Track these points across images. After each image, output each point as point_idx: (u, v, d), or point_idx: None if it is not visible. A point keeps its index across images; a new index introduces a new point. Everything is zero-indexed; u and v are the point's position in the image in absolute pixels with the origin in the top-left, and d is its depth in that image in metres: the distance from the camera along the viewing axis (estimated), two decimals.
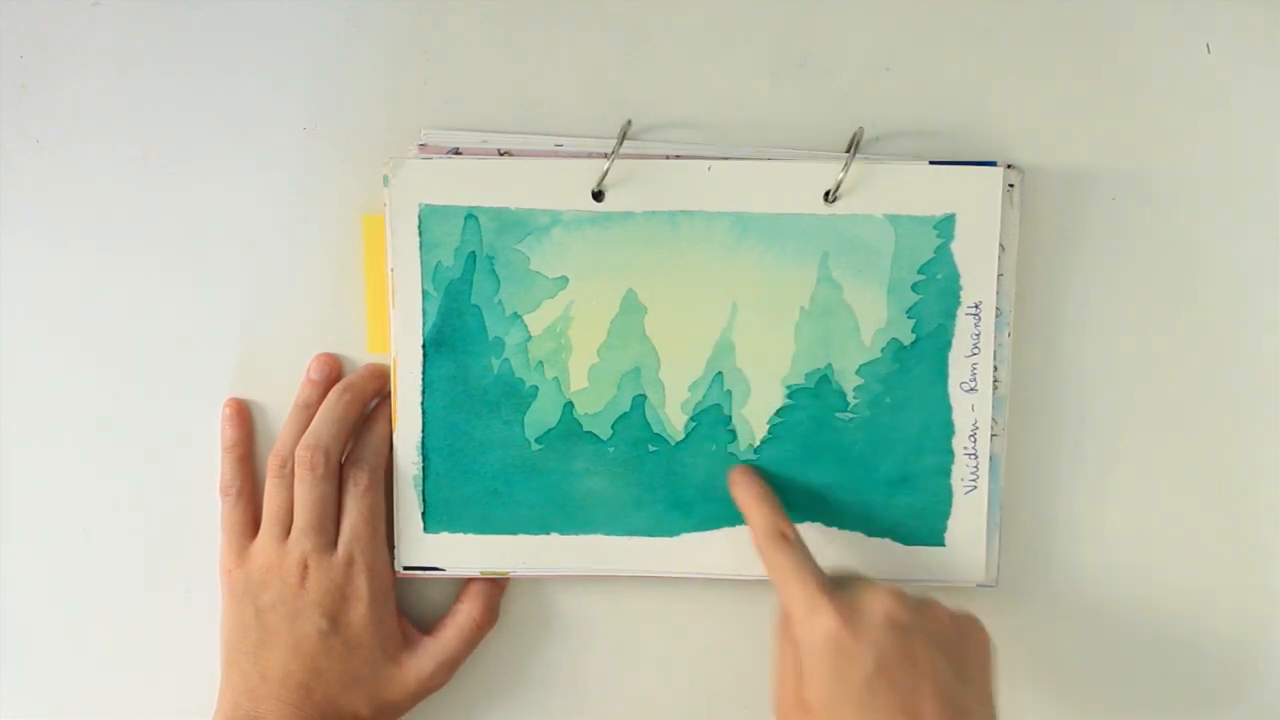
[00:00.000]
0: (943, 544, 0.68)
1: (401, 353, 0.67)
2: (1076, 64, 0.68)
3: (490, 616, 0.70)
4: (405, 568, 0.69)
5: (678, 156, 0.67)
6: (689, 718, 0.71)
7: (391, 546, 0.69)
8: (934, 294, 0.67)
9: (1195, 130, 0.68)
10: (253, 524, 0.68)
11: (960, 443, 0.68)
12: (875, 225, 0.66)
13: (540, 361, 0.67)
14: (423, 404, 0.67)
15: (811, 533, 0.68)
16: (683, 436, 0.68)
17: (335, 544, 0.67)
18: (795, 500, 0.68)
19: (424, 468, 0.68)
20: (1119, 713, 0.72)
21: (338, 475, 0.68)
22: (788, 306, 0.67)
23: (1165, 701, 0.72)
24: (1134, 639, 0.71)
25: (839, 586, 0.61)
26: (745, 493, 0.66)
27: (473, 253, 0.66)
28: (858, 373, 0.67)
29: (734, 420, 0.68)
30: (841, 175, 0.65)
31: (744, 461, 0.68)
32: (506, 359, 0.67)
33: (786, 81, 0.68)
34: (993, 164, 0.66)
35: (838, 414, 0.68)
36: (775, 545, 0.63)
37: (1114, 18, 0.68)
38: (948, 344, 0.67)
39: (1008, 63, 0.68)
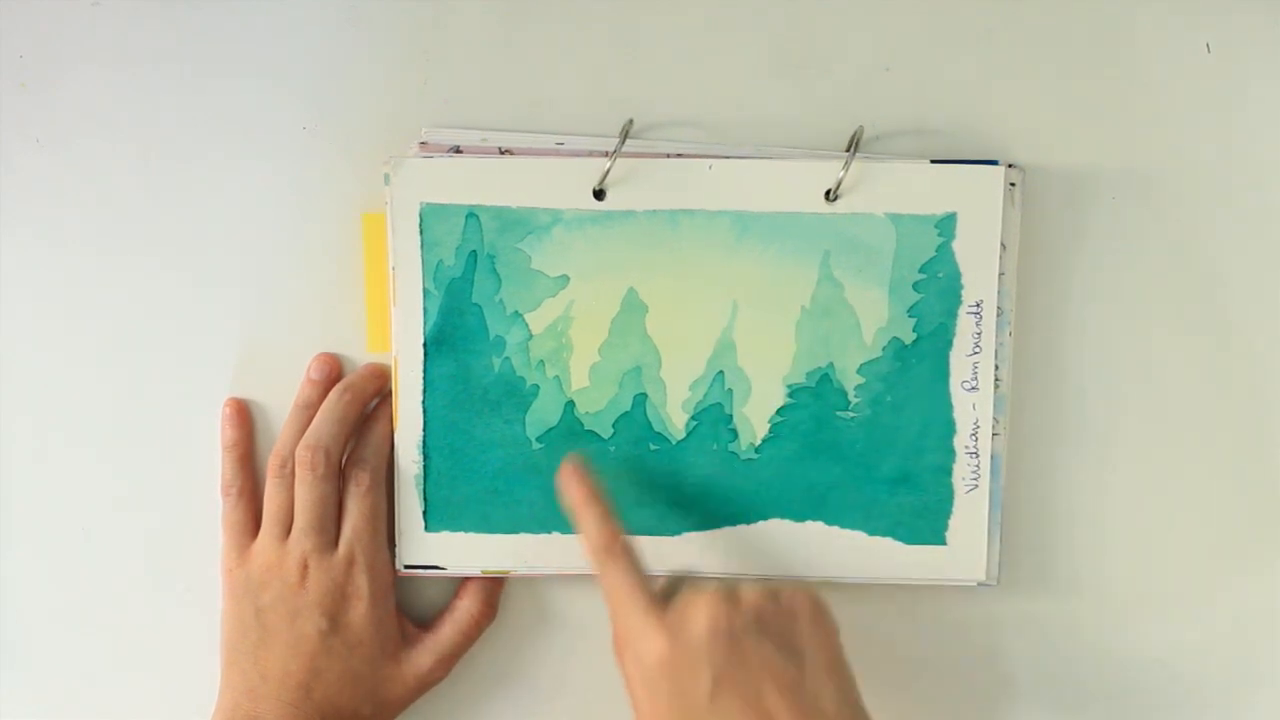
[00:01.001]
0: (944, 543, 0.68)
1: (402, 351, 0.67)
2: (1076, 64, 0.68)
3: (489, 612, 0.70)
4: (406, 566, 0.69)
5: (679, 155, 0.67)
6: None
7: (392, 545, 0.69)
8: (935, 293, 0.67)
9: (1195, 130, 0.68)
10: (253, 523, 0.68)
11: (961, 442, 0.68)
12: (876, 224, 0.66)
13: (541, 360, 0.67)
14: (424, 403, 0.67)
15: (812, 532, 0.68)
16: (684, 436, 0.68)
17: (336, 544, 0.67)
18: (796, 500, 0.68)
19: (425, 467, 0.68)
20: (1119, 711, 0.72)
21: (338, 475, 0.68)
22: (789, 305, 0.67)
23: (1166, 700, 0.72)
24: (1134, 637, 0.71)
25: (665, 600, 0.61)
26: (575, 497, 0.65)
27: (474, 251, 0.66)
28: (859, 372, 0.67)
29: (735, 419, 0.68)
30: (842, 174, 0.65)
31: (745, 461, 0.68)
32: (507, 358, 0.67)
33: (786, 81, 0.68)
34: (994, 163, 0.66)
35: (839, 413, 0.68)
36: (604, 559, 0.62)
37: (1114, 18, 0.68)
38: (949, 343, 0.67)
39: (1008, 63, 0.68)
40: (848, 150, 0.66)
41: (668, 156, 0.67)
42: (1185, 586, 0.71)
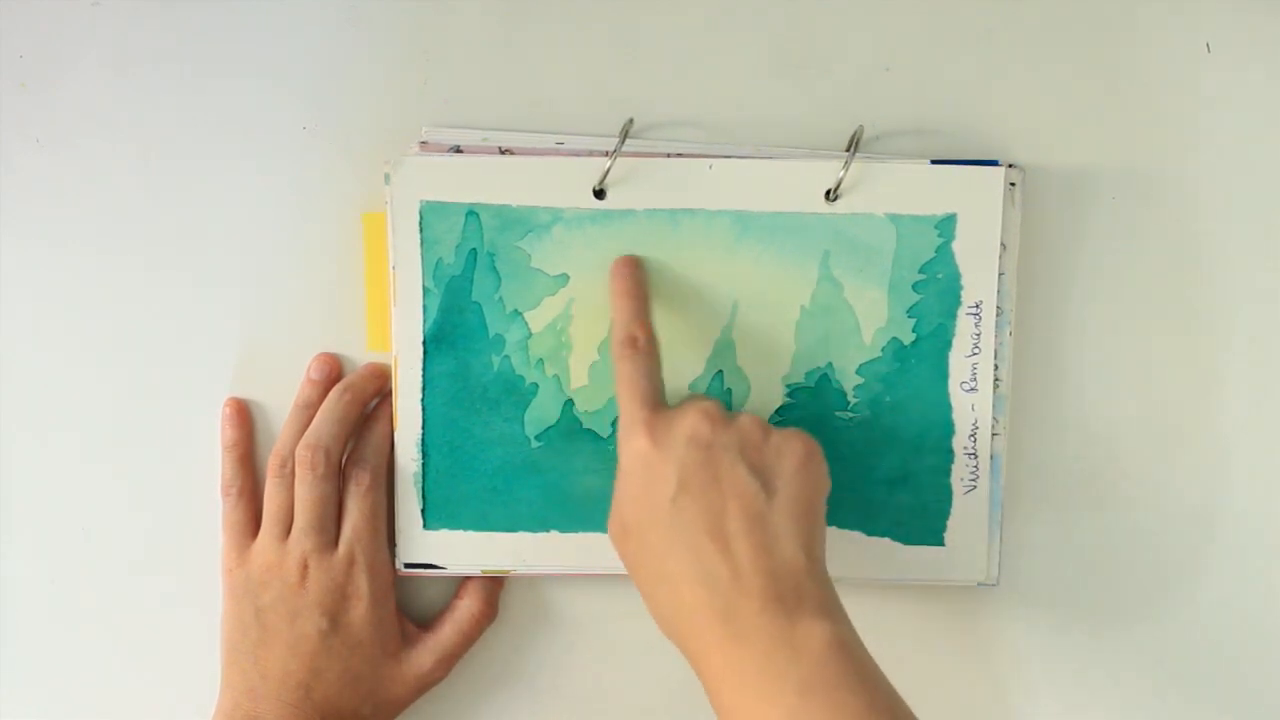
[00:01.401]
0: (942, 543, 0.68)
1: (402, 350, 0.67)
2: (1076, 64, 0.68)
3: (489, 611, 0.70)
4: (406, 565, 0.69)
5: (679, 155, 0.67)
6: (686, 715, 0.71)
7: (392, 544, 0.69)
8: (935, 293, 0.67)
9: (1195, 130, 0.68)
10: (253, 523, 0.68)
11: (960, 442, 0.68)
12: (876, 224, 0.66)
13: (541, 359, 0.67)
14: (423, 401, 0.67)
15: None
16: None
17: (336, 543, 0.67)
18: None
19: (424, 465, 0.68)
20: (1120, 712, 0.72)
21: (338, 475, 0.68)
22: (788, 305, 0.67)
23: (1167, 700, 0.72)
24: (1135, 638, 0.71)
25: (663, 405, 0.61)
26: (617, 289, 0.65)
27: (474, 250, 0.66)
28: (858, 372, 0.67)
29: None
30: (842, 174, 0.65)
31: None
32: (507, 356, 0.67)
33: (786, 81, 0.68)
34: (994, 163, 0.66)
35: (838, 413, 0.68)
36: (620, 351, 0.62)
37: (1114, 18, 0.68)
38: (948, 343, 0.67)
39: (1008, 63, 0.68)
40: (848, 150, 0.66)
41: (668, 156, 0.67)
42: (1185, 586, 0.71)
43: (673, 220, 0.66)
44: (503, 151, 0.67)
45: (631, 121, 0.66)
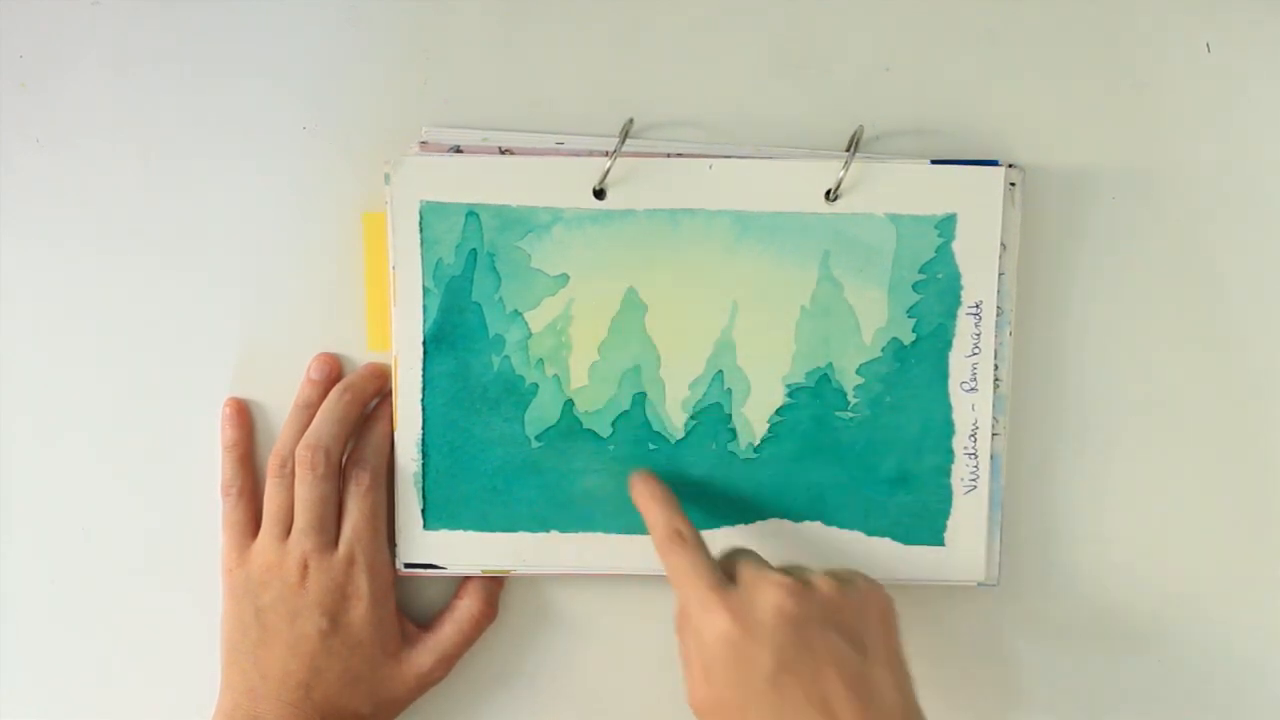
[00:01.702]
0: (942, 544, 0.68)
1: (402, 350, 0.67)
2: (1076, 64, 0.68)
3: (489, 611, 0.70)
4: (406, 565, 0.69)
5: (679, 155, 0.67)
6: (686, 715, 0.71)
7: (392, 544, 0.69)
8: (935, 293, 0.67)
9: (1195, 130, 0.68)
10: (253, 523, 0.68)
11: (960, 442, 0.68)
12: (876, 224, 0.66)
13: (541, 359, 0.67)
14: (423, 401, 0.67)
15: (811, 532, 0.68)
16: (683, 435, 0.68)
17: (336, 543, 0.67)
18: (795, 499, 0.68)
19: (424, 465, 0.68)
20: (1119, 711, 0.72)
21: (338, 475, 0.68)
22: (788, 305, 0.67)
23: (1166, 700, 0.72)
24: (1134, 638, 0.71)
25: (730, 582, 0.61)
26: (644, 495, 0.65)
27: (474, 250, 0.66)
28: (858, 372, 0.67)
29: (734, 419, 0.68)
30: (842, 174, 0.65)
31: (744, 460, 0.68)
32: (507, 356, 0.67)
33: (786, 81, 0.68)
34: (994, 163, 0.66)
35: (838, 413, 0.68)
36: (670, 546, 0.63)
37: (1114, 18, 0.68)
38: (948, 343, 0.67)
39: (1008, 63, 0.68)
40: (848, 150, 0.66)
41: (668, 156, 0.67)
42: (1185, 587, 0.71)
43: (673, 220, 0.66)
44: (503, 151, 0.67)
45: (631, 121, 0.66)
